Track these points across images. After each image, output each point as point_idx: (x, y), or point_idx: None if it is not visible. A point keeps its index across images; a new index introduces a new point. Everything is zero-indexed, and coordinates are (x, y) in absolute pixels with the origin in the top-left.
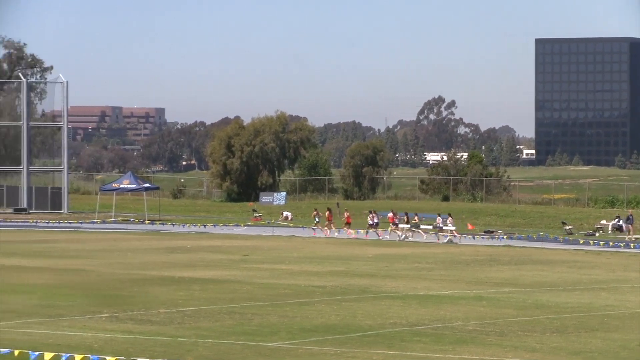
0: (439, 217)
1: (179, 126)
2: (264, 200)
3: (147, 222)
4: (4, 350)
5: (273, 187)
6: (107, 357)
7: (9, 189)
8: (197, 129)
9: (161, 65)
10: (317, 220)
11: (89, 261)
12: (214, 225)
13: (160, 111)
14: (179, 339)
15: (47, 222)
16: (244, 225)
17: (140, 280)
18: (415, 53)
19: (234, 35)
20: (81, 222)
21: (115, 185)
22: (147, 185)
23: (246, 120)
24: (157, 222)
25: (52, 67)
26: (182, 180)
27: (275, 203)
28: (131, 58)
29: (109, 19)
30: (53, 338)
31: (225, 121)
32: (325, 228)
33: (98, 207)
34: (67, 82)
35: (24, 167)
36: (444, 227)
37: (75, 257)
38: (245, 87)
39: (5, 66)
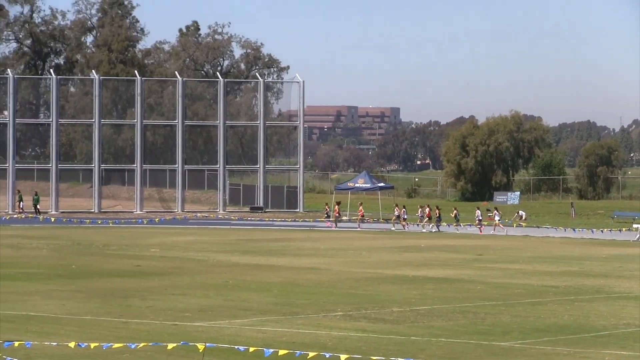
0: (477, 211)
1: (413, 125)
2: (497, 200)
3: (381, 221)
4: (239, 348)
5: (507, 187)
6: (340, 355)
7: (245, 187)
8: (432, 128)
9: (396, 65)
10: (328, 214)
11: (324, 260)
12: (448, 225)
13: (395, 111)
14: (412, 337)
15: (283, 221)
16: (476, 225)
17: (374, 279)
18: None
19: (469, 35)
20: (316, 221)
21: (350, 184)
22: (381, 184)
23: (480, 119)
24: (392, 221)
25: (288, 67)
26: (417, 179)
27: (509, 202)
28: (367, 58)
29: (345, 19)
30: (287, 336)
31: (460, 121)
32: (331, 221)
33: (333, 206)
34: (303, 82)
35: (260, 166)
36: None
37: (310, 255)
38: (479, 87)
39: (242, 66)
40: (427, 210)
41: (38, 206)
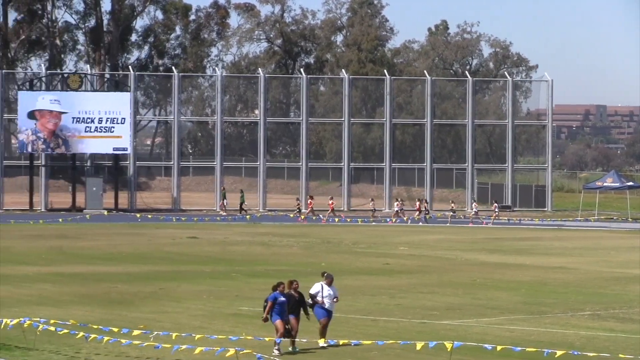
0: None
1: None
2: None
3: (630, 220)
4: (486, 346)
5: None
6: (588, 354)
7: (493, 186)
8: None
9: None
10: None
11: (572, 259)
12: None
13: None
14: None
15: (531, 220)
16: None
17: (622, 279)
18: None
19: None
20: (564, 220)
21: (598, 183)
22: (630, 183)
23: None
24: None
25: (537, 66)
26: None
27: None
28: (616, 56)
29: (593, 17)
30: (535, 335)
31: None
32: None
33: (581, 205)
34: (552, 80)
35: (508, 165)
36: None
37: (558, 254)
38: None
39: (491, 65)
40: (417, 204)
41: (243, 205)
